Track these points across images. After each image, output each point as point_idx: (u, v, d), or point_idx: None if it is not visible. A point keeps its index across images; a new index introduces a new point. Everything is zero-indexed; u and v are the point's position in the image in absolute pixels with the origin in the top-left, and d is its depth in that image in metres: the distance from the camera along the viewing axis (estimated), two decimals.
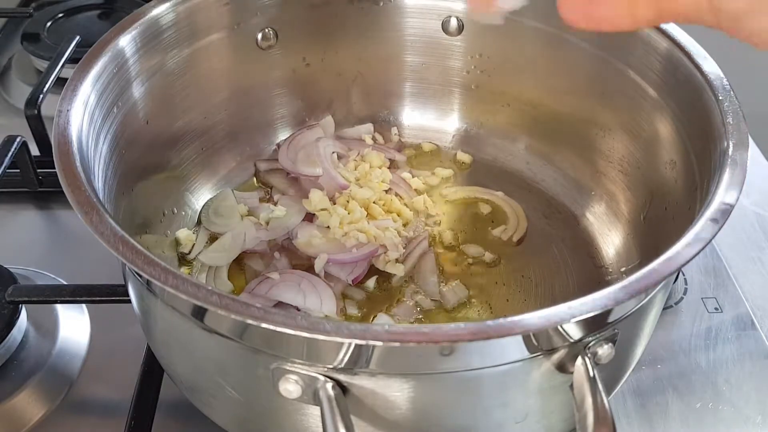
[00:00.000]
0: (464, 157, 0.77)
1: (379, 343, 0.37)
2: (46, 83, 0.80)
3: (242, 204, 0.70)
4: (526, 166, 0.75)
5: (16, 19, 1.05)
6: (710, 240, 0.42)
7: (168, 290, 0.39)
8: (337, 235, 0.66)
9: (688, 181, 0.55)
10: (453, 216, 0.72)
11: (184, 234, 0.66)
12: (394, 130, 0.79)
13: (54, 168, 0.46)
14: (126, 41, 0.58)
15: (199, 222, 0.69)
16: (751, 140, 0.50)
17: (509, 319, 0.38)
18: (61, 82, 0.71)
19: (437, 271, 0.66)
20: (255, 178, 0.75)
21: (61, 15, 1.01)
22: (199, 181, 0.71)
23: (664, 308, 0.66)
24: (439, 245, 0.69)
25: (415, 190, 0.74)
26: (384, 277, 0.65)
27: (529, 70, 0.72)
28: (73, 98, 0.52)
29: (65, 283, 0.67)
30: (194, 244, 0.67)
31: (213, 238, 0.68)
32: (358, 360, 0.40)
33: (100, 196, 0.47)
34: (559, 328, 0.40)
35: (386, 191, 0.72)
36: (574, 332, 0.41)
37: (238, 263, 0.66)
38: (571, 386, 0.41)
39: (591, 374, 0.40)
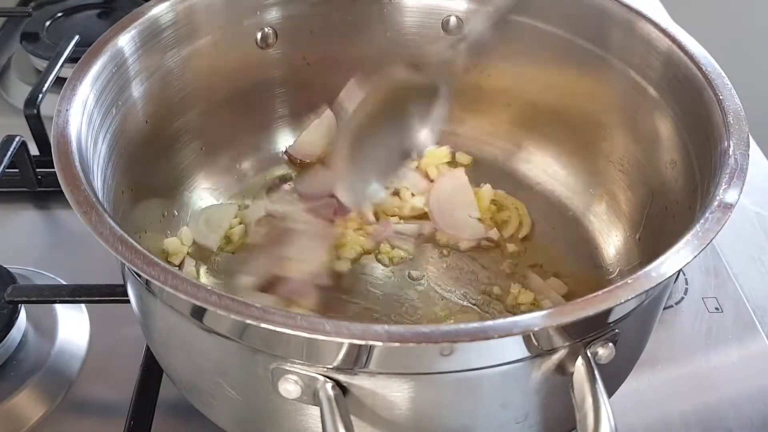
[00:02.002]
0: (464, 157, 0.77)
1: (378, 344, 0.37)
2: (45, 83, 0.80)
3: (236, 219, 0.69)
4: (526, 166, 0.75)
5: (16, 19, 1.05)
6: (711, 240, 0.42)
7: (167, 290, 0.39)
8: None
9: (688, 181, 0.55)
10: None
11: (173, 245, 0.65)
12: None
13: (53, 168, 0.46)
14: (125, 41, 0.58)
15: None
16: (751, 140, 0.50)
17: (509, 319, 0.38)
18: (60, 81, 0.71)
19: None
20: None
21: (60, 14, 1.01)
22: (199, 181, 0.71)
23: (665, 308, 0.66)
24: (437, 245, 0.69)
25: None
26: None
27: (529, 70, 0.71)
28: (72, 98, 0.52)
29: (65, 283, 0.66)
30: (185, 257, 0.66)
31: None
32: (358, 360, 0.40)
33: (100, 196, 0.47)
34: (560, 327, 0.40)
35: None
36: (575, 332, 0.41)
37: None
38: (572, 386, 0.41)
39: (591, 374, 0.40)
